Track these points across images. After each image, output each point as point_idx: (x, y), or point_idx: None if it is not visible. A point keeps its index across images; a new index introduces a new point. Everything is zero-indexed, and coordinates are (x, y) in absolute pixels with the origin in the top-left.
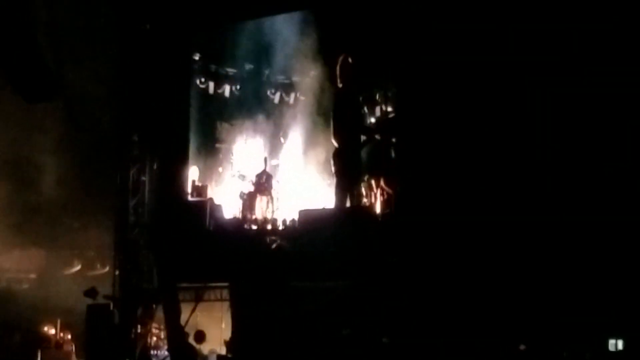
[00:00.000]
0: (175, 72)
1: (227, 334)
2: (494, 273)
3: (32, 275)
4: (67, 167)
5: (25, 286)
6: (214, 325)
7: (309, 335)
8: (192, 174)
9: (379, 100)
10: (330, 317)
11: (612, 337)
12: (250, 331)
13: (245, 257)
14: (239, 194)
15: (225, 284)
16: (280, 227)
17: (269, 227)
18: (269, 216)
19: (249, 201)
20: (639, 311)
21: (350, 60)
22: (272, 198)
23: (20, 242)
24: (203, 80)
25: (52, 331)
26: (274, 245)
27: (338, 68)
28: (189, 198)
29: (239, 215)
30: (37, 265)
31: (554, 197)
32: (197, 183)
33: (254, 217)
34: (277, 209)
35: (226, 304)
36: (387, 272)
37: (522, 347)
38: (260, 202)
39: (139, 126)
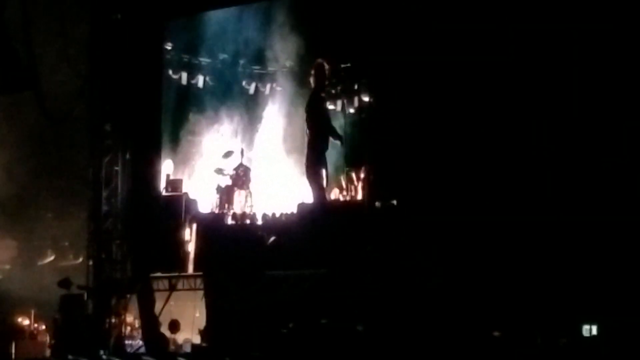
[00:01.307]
0: (147, 62)
1: (201, 323)
2: (468, 260)
3: (6, 266)
4: (40, 158)
5: None
6: (188, 314)
7: (284, 323)
8: (167, 167)
9: (357, 90)
10: (306, 305)
11: (586, 323)
12: (224, 320)
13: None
14: (215, 187)
15: (199, 273)
16: (260, 222)
17: (247, 221)
18: (247, 210)
19: (226, 195)
20: (612, 296)
21: (326, 66)
22: (250, 192)
23: None
24: (176, 70)
25: (26, 322)
26: (270, 241)
27: (313, 71)
28: (164, 193)
29: (216, 209)
30: (11, 256)
31: (530, 190)
32: (171, 177)
33: (232, 211)
34: (252, 205)
35: (200, 293)
36: (362, 261)
37: (496, 333)
38: (239, 196)
39: (112, 116)
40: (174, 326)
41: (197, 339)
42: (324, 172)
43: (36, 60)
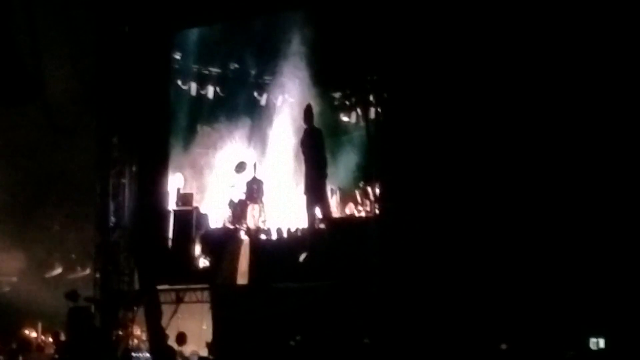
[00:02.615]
0: (154, 74)
1: (208, 336)
2: (475, 273)
3: (13, 279)
4: (47, 170)
5: (6, 289)
6: (195, 326)
7: (291, 335)
8: (178, 181)
9: (373, 102)
10: (312, 317)
11: (594, 336)
12: (231, 332)
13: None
14: (228, 202)
15: (206, 286)
16: (275, 237)
17: (263, 235)
18: (261, 225)
19: (240, 210)
20: (620, 310)
21: (312, 107)
22: (263, 206)
23: (1, 246)
24: (185, 81)
25: (34, 334)
26: (302, 258)
27: (305, 112)
28: (174, 207)
29: (228, 224)
30: (18, 268)
31: (534, 197)
32: (182, 191)
33: (244, 226)
34: (265, 220)
35: (207, 306)
36: (369, 273)
37: (503, 346)
38: (253, 211)
39: (119, 129)
40: (181, 338)
41: (204, 352)
42: (324, 196)
43: (43, 72)
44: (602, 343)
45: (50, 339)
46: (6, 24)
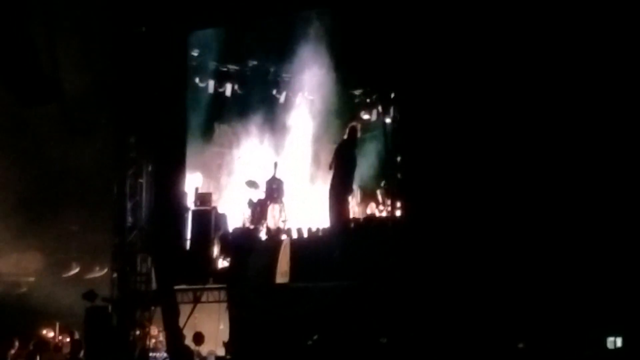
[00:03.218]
0: (172, 72)
1: (225, 335)
2: (492, 272)
3: (31, 279)
4: (64, 171)
5: (24, 289)
6: (212, 326)
7: (308, 335)
8: (196, 180)
9: (394, 98)
10: (329, 317)
11: (611, 335)
12: (248, 332)
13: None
14: (247, 201)
15: (223, 286)
16: (296, 236)
17: (283, 236)
18: (281, 225)
19: (260, 209)
20: (638, 309)
21: (359, 127)
22: (283, 206)
23: (18, 246)
24: (203, 78)
25: (51, 334)
26: (334, 255)
27: (348, 128)
28: (193, 207)
29: (248, 224)
30: (35, 269)
31: (551, 196)
32: (200, 190)
33: (265, 226)
34: (285, 220)
35: (224, 306)
36: (386, 273)
37: (520, 345)
38: (273, 211)
39: (136, 128)
40: (198, 338)
41: (221, 351)
42: (347, 200)
43: (60, 73)
44: (619, 342)
45: (68, 339)
46: (23, 25)
